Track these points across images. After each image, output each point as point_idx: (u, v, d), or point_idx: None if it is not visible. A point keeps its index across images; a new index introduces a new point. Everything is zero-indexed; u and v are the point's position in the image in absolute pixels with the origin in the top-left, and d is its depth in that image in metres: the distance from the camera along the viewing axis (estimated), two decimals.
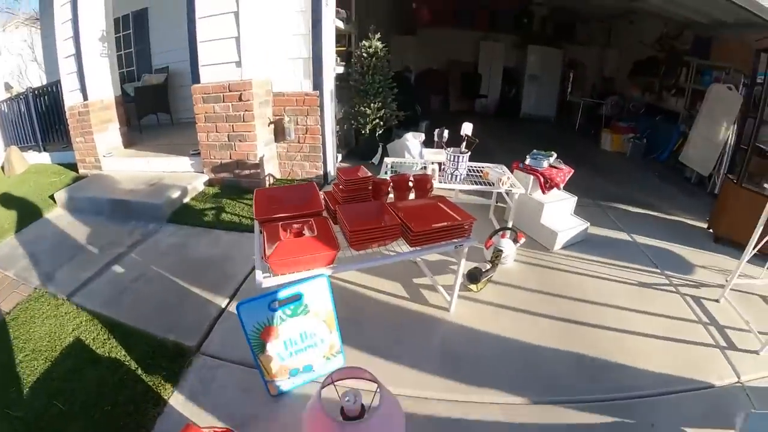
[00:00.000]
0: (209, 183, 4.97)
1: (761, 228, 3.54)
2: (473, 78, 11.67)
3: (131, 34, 8.06)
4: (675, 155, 8.24)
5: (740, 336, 3.25)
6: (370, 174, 2.60)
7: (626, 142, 9.00)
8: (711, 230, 5.17)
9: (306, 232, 2.21)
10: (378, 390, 1.59)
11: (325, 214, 2.55)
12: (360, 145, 5.67)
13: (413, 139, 4.74)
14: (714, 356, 2.97)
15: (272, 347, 2.04)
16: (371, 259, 2.30)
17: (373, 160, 5.51)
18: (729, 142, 6.26)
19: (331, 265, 2.15)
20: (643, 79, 10.51)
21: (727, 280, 3.78)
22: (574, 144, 9.43)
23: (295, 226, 2.23)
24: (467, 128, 3.66)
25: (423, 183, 2.70)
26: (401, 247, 2.38)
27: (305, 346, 2.14)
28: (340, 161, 5.44)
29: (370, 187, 2.60)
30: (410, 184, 2.69)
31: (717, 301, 3.72)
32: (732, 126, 6.19)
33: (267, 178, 4.83)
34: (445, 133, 3.81)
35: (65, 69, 5.34)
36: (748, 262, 3.87)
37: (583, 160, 7.81)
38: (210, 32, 4.53)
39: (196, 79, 4.67)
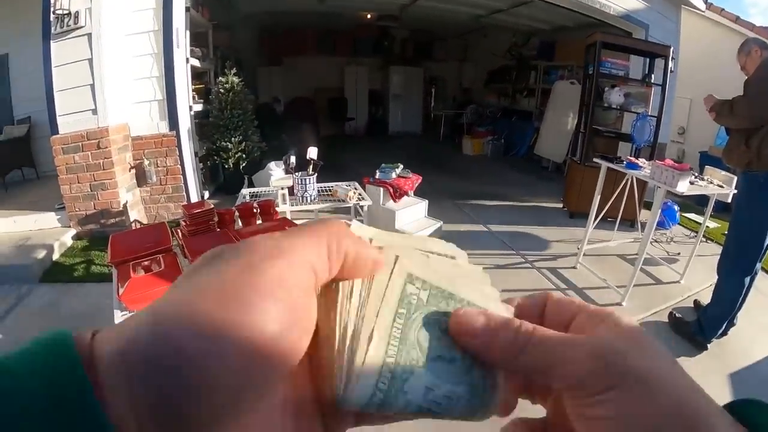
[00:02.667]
0: (77, 237, 4.81)
1: (599, 196, 4.08)
2: (340, 102, 12.01)
3: None
4: (532, 149, 9.08)
5: (600, 293, 3.73)
6: (212, 206, 2.74)
7: (486, 144, 9.75)
8: (565, 208, 5.82)
9: (154, 267, 2.31)
10: None
11: (177, 250, 2.65)
12: (226, 179, 5.77)
13: (276, 168, 4.92)
14: None
15: None
16: None
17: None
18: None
19: None
20: (497, 86, 11.43)
21: (578, 248, 4.28)
22: (438, 153, 10.05)
23: (144, 263, 2.32)
24: (312, 152, 3.89)
25: (267, 208, 2.87)
26: None
27: None
28: (208, 198, 5.48)
29: (216, 219, 2.73)
30: (255, 210, 2.85)
31: (574, 267, 4.23)
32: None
33: (133, 224, 4.77)
34: (292, 158, 4.02)
35: None
36: (602, 228, 4.45)
37: (445, 166, 8.40)
38: (66, 81, 4.45)
39: (54, 129, 4.53)
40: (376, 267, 0.29)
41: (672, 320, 3.44)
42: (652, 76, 5.72)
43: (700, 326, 3.20)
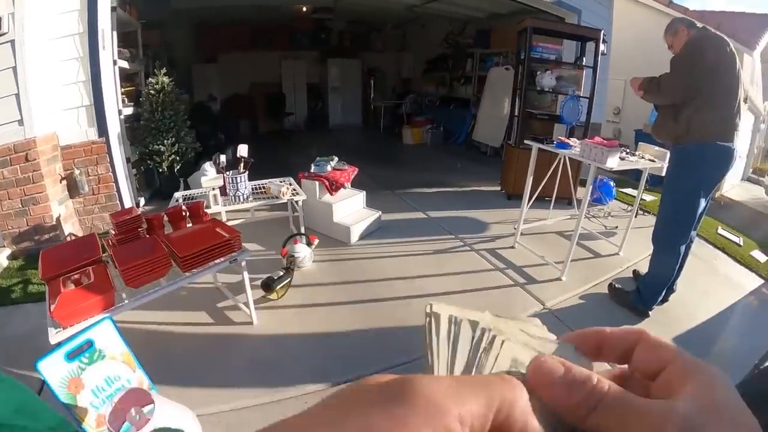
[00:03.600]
0: (12, 256, 4.59)
1: (531, 177, 4.23)
2: (278, 98, 11.88)
3: None
4: (470, 136, 9.33)
5: (539, 270, 3.87)
6: (140, 213, 2.73)
7: (425, 133, 9.92)
8: (503, 191, 6.02)
9: (84, 280, 2.29)
10: (154, 404, 1.75)
11: (108, 260, 2.62)
12: (161, 184, 5.64)
13: (211, 168, 4.86)
14: (515, 293, 3.50)
15: (82, 398, 2.08)
16: (150, 293, 2.40)
17: None
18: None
19: (113, 307, 2.25)
20: (435, 74, 11.63)
21: (515, 228, 4.43)
22: (379, 144, 10.22)
23: (75, 276, 2.30)
24: (243, 150, 3.90)
25: (196, 210, 2.87)
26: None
27: (114, 390, 2.20)
28: (144, 204, 5.37)
29: (145, 225, 2.73)
30: (184, 213, 2.85)
31: (512, 247, 4.37)
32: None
33: (68, 237, 4.65)
34: (222, 158, 4.01)
35: None
36: (540, 207, 4.70)
37: (386, 156, 8.53)
38: None
39: None
40: None
41: (612, 291, 3.60)
42: (584, 59, 5.95)
43: (639, 295, 3.36)
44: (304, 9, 10.28)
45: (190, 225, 2.86)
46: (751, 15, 9.75)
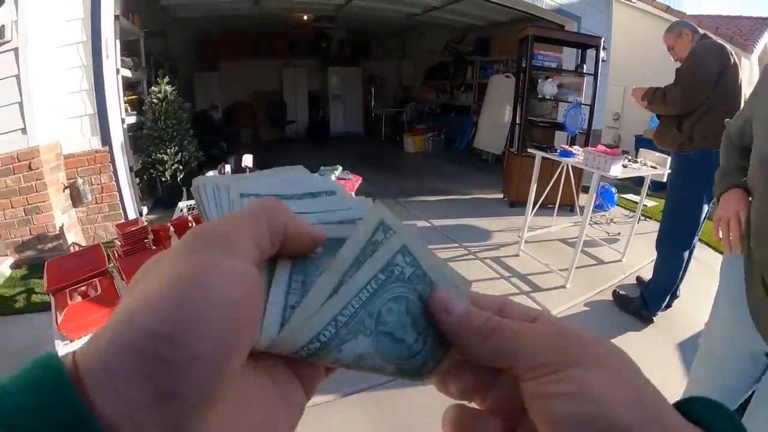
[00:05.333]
0: (15, 265, 4.57)
1: (535, 185, 4.22)
2: (279, 106, 11.93)
3: None
4: (471, 143, 9.35)
5: (543, 278, 3.84)
6: (146, 224, 2.71)
7: (427, 141, 9.95)
8: (506, 198, 6.01)
9: (91, 292, 2.28)
10: None
11: (114, 271, 2.61)
12: (164, 193, 5.63)
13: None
14: (521, 302, 3.48)
15: None
16: None
17: None
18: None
19: None
20: (436, 82, 11.68)
21: (519, 236, 4.42)
22: (380, 152, 10.20)
23: (81, 288, 2.29)
24: (248, 160, 3.89)
25: (201, 221, 2.87)
26: None
27: None
28: (147, 213, 5.36)
29: (151, 236, 2.71)
30: (190, 224, 2.83)
31: (517, 255, 4.35)
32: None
33: (72, 247, 4.61)
34: (227, 167, 3.99)
35: None
36: (543, 215, 4.65)
37: (388, 165, 8.52)
38: None
39: None
40: (316, 242, 0.30)
41: (616, 298, 3.59)
42: (584, 66, 5.96)
43: (644, 301, 3.35)
44: (305, 18, 10.30)
45: None
46: (748, 18, 9.82)
